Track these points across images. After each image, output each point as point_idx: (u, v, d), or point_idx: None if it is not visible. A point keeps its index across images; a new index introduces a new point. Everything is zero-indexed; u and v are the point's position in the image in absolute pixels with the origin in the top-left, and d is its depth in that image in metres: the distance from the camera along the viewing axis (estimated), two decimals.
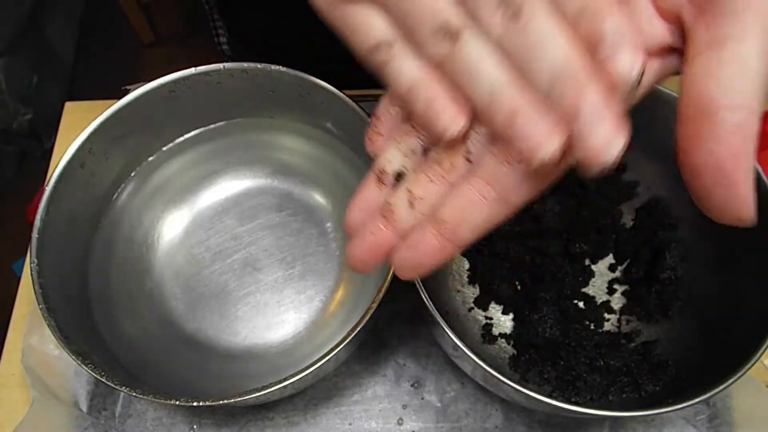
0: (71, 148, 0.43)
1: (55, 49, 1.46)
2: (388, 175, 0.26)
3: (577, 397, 0.42)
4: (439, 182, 0.24)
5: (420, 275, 0.24)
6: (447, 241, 0.23)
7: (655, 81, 0.22)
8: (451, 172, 0.23)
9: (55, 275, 0.41)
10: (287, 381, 0.36)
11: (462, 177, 0.23)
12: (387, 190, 0.27)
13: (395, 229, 0.25)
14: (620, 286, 0.48)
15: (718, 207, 0.20)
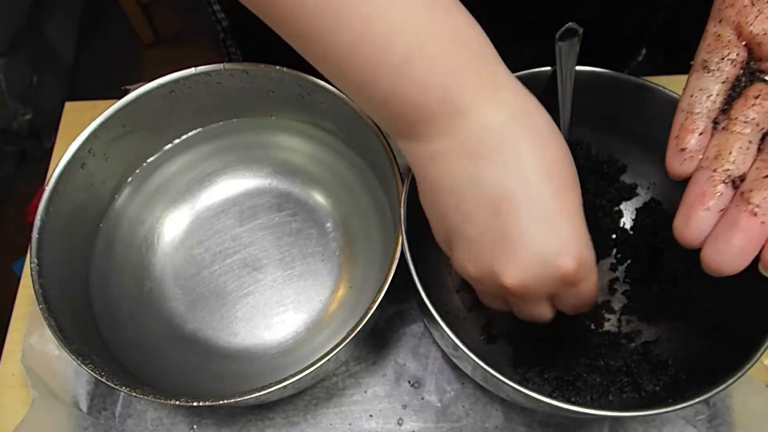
0: (71, 148, 0.43)
1: (55, 49, 1.46)
2: (735, 176, 0.28)
3: (577, 397, 0.42)
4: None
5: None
6: None
7: None
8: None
9: (55, 275, 0.41)
10: (287, 381, 0.36)
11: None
12: (729, 191, 0.27)
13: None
14: (620, 286, 0.48)
15: None
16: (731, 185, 0.27)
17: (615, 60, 0.42)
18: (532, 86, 0.44)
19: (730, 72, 0.29)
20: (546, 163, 0.29)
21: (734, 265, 0.26)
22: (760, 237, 0.26)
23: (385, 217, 0.47)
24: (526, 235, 0.28)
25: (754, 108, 0.28)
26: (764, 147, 0.28)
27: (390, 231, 0.46)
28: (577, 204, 0.29)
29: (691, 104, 0.29)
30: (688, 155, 0.29)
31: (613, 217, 0.48)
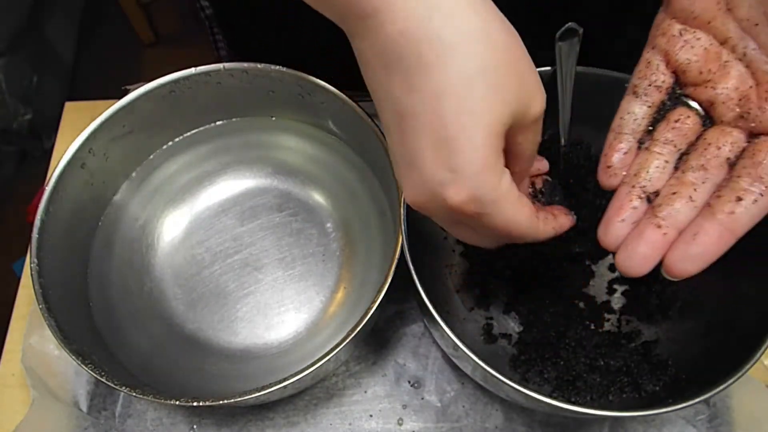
0: (71, 148, 0.43)
1: (55, 49, 1.46)
2: (649, 192, 0.32)
3: (577, 397, 0.42)
4: (709, 183, 0.30)
5: (701, 267, 0.29)
6: (726, 230, 0.29)
7: None
8: (715, 170, 0.30)
9: (55, 275, 0.41)
10: (287, 381, 0.36)
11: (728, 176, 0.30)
12: (643, 205, 0.32)
13: (675, 228, 0.30)
14: (620, 286, 0.48)
15: None
16: (646, 200, 0.31)
17: (616, 60, 0.42)
18: None
19: (656, 96, 0.33)
20: (454, 80, 0.26)
21: (639, 269, 0.30)
22: (662, 246, 0.30)
23: (385, 218, 0.47)
24: (419, 158, 0.27)
25: (673, 130, 0.32)
26: (680, 166, 0.32)
27: (390, 231, 0.46)
28: (487, 129, 0.26)
29: (620, 125, 0.34)
30: (612, 171, 0.33)
31: None
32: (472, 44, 0.25)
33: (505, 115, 0.26)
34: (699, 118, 0.32)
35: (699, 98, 0.32)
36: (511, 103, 0.26)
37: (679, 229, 0.30)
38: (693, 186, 0.30)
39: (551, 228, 0.33)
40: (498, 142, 0.27)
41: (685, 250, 0.29)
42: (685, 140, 0.32)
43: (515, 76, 0.26)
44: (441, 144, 0.26)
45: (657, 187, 0.32)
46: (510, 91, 0.26)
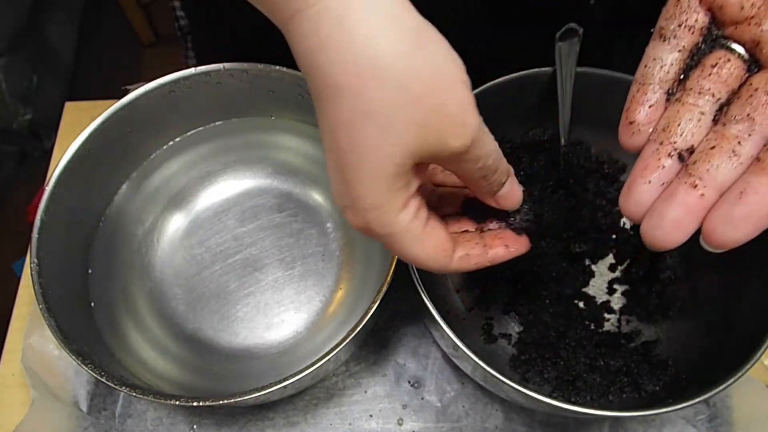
0: (71, 148, 0.43)
1: (55, 49, 1.46)
2: (681, 149, 0.26)
3: (577, 397, 0.42)
4: (757, 135, 0.25)
5: (751, 234, 0.24)
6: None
7: None
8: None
9: (55, 275, 0.41)
10: (287, 381, 0.36)
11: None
12: (675, 164, 0.26)
13: (714, 188, 0.25)
14: (620, 286, 0.48)
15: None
16: (678, 158, 0.26)
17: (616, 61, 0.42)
18: (532, 86, 0.44)
19: (688, 39, 0.28)
20: (344, 118, 0.25)
21: (670, 238, 0.25)
22: (699, 210, 0.25)
23: None
24: (331, 176, 0.27)
25: (710, 78, 0.27)
26: (720, 118, 0.26)
27: None
28: (377, 170, 0.25)
29: (644, 75, 0.28)
30: (636, 128, 0.28)
31: (613, 217, 0.48)
32: (364, 83, 0.24)
33: (398, 155, 0.25)
34: (742, 63, 0.27)
35: (741, 39, 0.27)
36: (407, 143, 0.25)
37: (719, 190, 0.25)
38: (737, 139, 0.25)
39: (471, 264, 0.31)
40: (393, 181, 0.26)
41: (729, 212, 0.24)
42: (725, 88, 0.27)
43: (417, 114, 0.24)
44: (339, 172, 0.26)
45: (691, 144, 0.26)
46: (406, 131, 0.24)
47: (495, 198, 0.31)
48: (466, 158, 0.26)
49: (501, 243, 0.33)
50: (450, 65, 0.25)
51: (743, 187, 0.24)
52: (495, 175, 0.29)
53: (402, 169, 0.26)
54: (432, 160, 0.27)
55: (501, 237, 0.33)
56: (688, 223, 0.25)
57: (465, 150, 0.26)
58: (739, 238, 0.24)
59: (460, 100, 0.25)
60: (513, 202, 0.32)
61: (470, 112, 0.25)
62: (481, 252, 0.32)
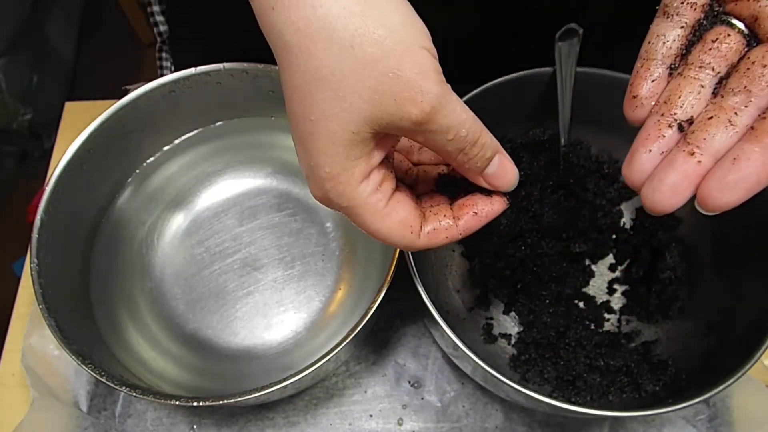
0: (71, 148, 0.43)
1: (55, 49, 1.46)
2: (681, 120, 0.27)
3: (577, 397, 0.42)
4: (753, 107, 0.26)
5: (742, 198, 0.25)
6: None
7: None
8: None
9: (55, 275, 0.41)
10: (287, 381, 0.36)
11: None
12: (675, 134, 0.27)
13: (710, 155, 0.26)
14: (620, 286, 0.48)
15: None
16: (677, 129, 0.27)
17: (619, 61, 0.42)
18: (532, 86, 0.44)
19: (690, 16, 0.29)
20: (297, 82, 0.25)
21: (667, 202, 0.26)
22: (696, 176, 0.26)
23: None
24: (295, 146, 0.27)
25: (711, 52, 0.28)
26: (719, 91, 0.27)
27: None
28: (332, 137, 0.25)
29: (647, 51, 0.29)
30: (639, 102, 0.29)
31: (613, 217, 0.48)
32: (314, 44, 0.24)
33: (353, 122, 0.25)
34: (742, 38, 0.28)
35: (741, 14, 0.28)
36: (362, 110, 0.24)
37: (715, 157, 0.26)
38: (734, 110, 0.26)
39: (441, 239, 0.30)
40: (350, 149, 0.25)
41: (723, 177, 0.25)
42: (724, 62, 0.28)
43: (369, 78, 0.24)
44: (298, 139, 0.26)
45: (691, 115, 0.27)
46: (359, 96, 0.24)
47: (484, 177, 0.29)
48: (432, 129, 0.26)
49: (469, 210, 0.30)
50: (408, 28, 0.24)
51: (737, 154, 0.25)
52: (475, 149, 0.28)
53: (358, 137, 0.25)
54: (394, 131, 0.26)
55: (468, 204, 0.31)
56: (685, 188, 0.26)
57: (426, 119, 0.25)
58: (732, 202, 0.25)
59: (417, 65, 0.24)
60: (505, 182, 0.30)
61: (429, 78, 0.25)
62: (450, 225, 0.30)
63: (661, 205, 0.26)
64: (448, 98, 0.25)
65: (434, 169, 0.34)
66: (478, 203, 0.31)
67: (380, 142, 0.27)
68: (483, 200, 0.31)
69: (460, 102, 0.26)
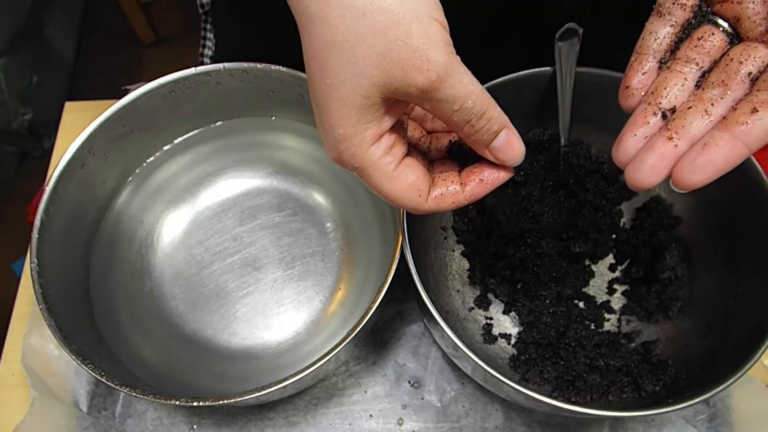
0: (71, 148, 0.43)
1: (55, 49, 1.46)
2: (665, 109, 0.30)
3: (577, 397, 0.42)
4: (728, 99, 0.29)
5: (710, 178, 0.28)
6: (739, 141, 0.27)
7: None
8: (735, 84, 0.29)
9: (55, 275, 0.41)
10: (287, 381, 0.36)
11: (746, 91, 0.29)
12: (659, 121, 0.30)
13: (686, 140, 0.29)
14: (620, 286, 0.48)
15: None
16: (661, 116, 0.30)
17: None
18: (532, 86, 0.44)
19: (681, 15, 0.32)
20: (315, 48, 0.27)
21: (646, 180, 0.29)
22: (672, 157, 0.28)
23: (385, 218, 0.47)
24: (314, 111, 0.29)
25: (696, 49, 0.31)
26: (702, 84, 0.30)
27: (390, 231, 0.46)
28: (344, 100, 0.27)
29: (641, 46, 0.32)
30: (630, 92, 0.32)
31: (613, 217, 0.48)
32: (330, 11, 0.25)
33: (364, 86, 0.26)
34: (726, 36, 0.31)
35: (725, 15, 0.31)
36: (372, 75, 0.26)
37: (691, 142, 0.29)
38: (711, 101, 0.29)
39: (448, 203, 0.32)
40: (362, 113, 0.27)
41: (694, 160, 0.28)
42: (708, 58, 0.31)
43: (379, 44, 0.25)
44: (315, 104, 0.28)
45: (674, 104, 0.30)
46: (370, 62, 0.26)
47: (490, 150, 0.31)
48: (438, 98, 0.27)
49: (476, 177, 0.32)
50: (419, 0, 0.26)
51: (708, 140, 0.28)
52: (481, 121, 0.29)
53: (369, 101, 0.27)
54: (403, 97, 0.27)
55: (476, 171, 0.32)
56: (662, 168, 0.29)
57: (431, 87, 0.26)
58: (700, 181, 0.28)
59: (425, 34, 0.26)
60: (511, 156, 0.31)
61: (437, 48, 0.26)
62: (457, 190, 0.32)
63: (640, 183, 0.29)
64: (456, 69, 0.27)
65: (446, 137, 0.35)
66: (485, 170, 0.32)
67: (391, 107, 0.28)
68: (490, 168, 0.32)
69: (469, 74, 0.27)
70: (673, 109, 0.30)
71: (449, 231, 0.49)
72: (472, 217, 0.48)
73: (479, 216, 0.48)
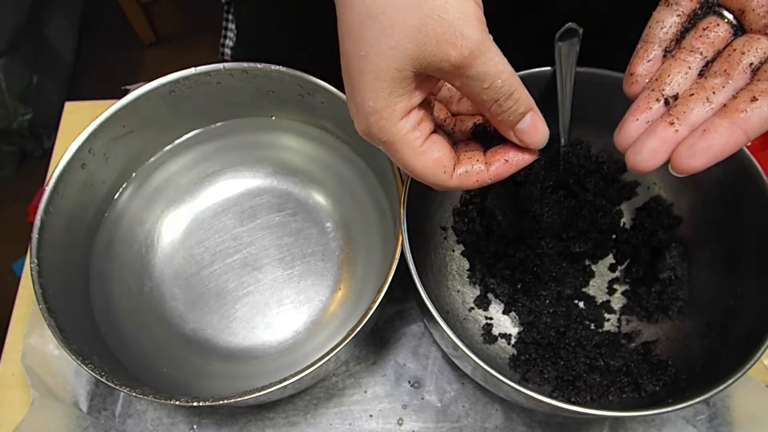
0: (71, 148, 0.43)
1: (55, 49, 1.46)
2: (668, 95, 0.31)
3: (577, 397, 0.42)
4: (730, 88, 0.30)
5: (707, 163, 0.28)
6: (738, 128, 0.28)
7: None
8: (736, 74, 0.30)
9: (55, 275, 0.41)
10: (287, 381, 0.36)
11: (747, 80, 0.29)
12: (661, 107, 0.31)
13: (687, 126, 0.29)
14: (620, 286, 0.48)
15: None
16: (664, 103, 0.31)
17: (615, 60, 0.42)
18: (531, 86, 0.44)
19: (687, 6, 0.32)
20: (351, 21, 0.28)
21: (646, 164, 0.29)
22: (672, 142, 0.29)
23: (385, 217, 0.47)
24: (345, 87, 0.30)
25: (701, 39, 0.32)
26: (705, 73, 0.31)
27: (390, 231, 0.46)
28: (377, 72, 0.27)
29: (647, 34, 0.33)
30: (635, 79, 0.33)
31: (613, 217, 0.48)
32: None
33: (397, 59, 0.27)
34: (730, 28, 0.32)
35: (730, 6, 0.32)
36: (406, 48, 0.26)
37: (691, 128, 0.29)
38: (712, 89, 0.30)
39: (473, 181, 0.32)
40: (393, 86, 0.28)
41: (693, 145, 0.28)
42: (712, 48, 0.32)
43: (415, 17, 0.26)
44: (347, 76, 0.29)
45: (677, 92, 0.31)
46: (405, 34, 0.26)
47: (515, 132, 0.31)
48: (469, 74, 0.27)
49: (501, 157, 0.33)
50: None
51: (707, 126, 0.29)
52: (509, 101, 0.29)
53: (402, 74, 0.27)
54: (434, 72, 0.28)
55: (501, 151, 0.33)
56: (662, 152, 0.29)
57: (464, 63, 0.27)
58: (698, 166, 0.28)
59: (461, 10, 0.26)
60: (535, 139, 0.32)
61: (471, 25, 0.26)
62: (482, 169, 0.32)
63: (640, 165, 0.30)
64: (488, 47, 0.27)
65: (471, 119, 0.36)
66: (510, 152, 0.33)
67: (421, 83, 0.29)
68: (515, 150, 0.33)
69: (500, 54, 0.28)
70: (676, 96, 0.31)
71: (449, 231, 0.49)
72: (472, 217, 0.48)
73: (479, 216, 0.48)
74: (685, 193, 0.47)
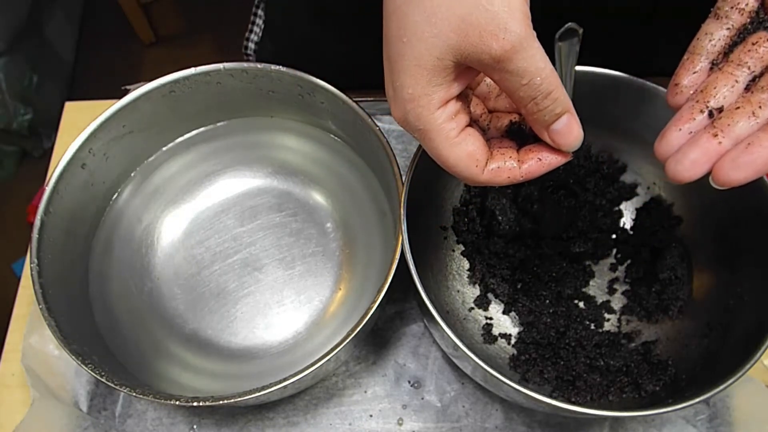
0: (71, 148, 0.43)
1: (55, 49, 1.46)
2: (713, 108, 0.31)
3: (577, 397, 0.42)
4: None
5: (749, 177, 0.28)
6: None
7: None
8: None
9: (55, 275, 0.41)
10: (287, 381, 0.36)
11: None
12: (705, 119, 0.31)
13: (731, 139, 0.29)
14: (620, 286, 0.48)
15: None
16: (708, 115, 0.31)
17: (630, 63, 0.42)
18: None
19: (737, 19, 0.32)
20: (396, 5, 0.28)
21: (686, 173, 0.29)
22: (715, 154, 0.29)
23: (385, 217, 0.47)
24: (384, 72, 0.30)
25: (749, 53, 0.31)
26: (752, 87, 0.31)
27: (390, 231, 0.46)
28: (418, 59, 0.28)
29: (694, 46, 0.33)
30: (680, 89, 0.32)
31: (613, 217, 0.48)
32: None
33: (439, 47, 0.27)
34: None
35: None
36: (449, 37, 0.27)
37: (735, 141, 0.29)
38: (759, 104, 0.30)
39: (504, 178, 0.32)
40: (432, 74, 0.28)
41: (736, 158, 0.28)
42: (760, 63, 0.31)
43: (461, 7, 0.26)
44: (387, 61, 0.29)
45: (722, 104, 0.31)
46: (448, 23, 0.26)
47: (549, 132, 0.31)
48: (509, 69, 0.27)
49: (535, 155, 0.32)
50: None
51: (752, 140, 0.28)
52: (546, 100, 0.29)
53: (442, 63, 0.27)
54: (474, 64, 0.28)
55: (535, 150, 0.33)
56: (703, 164, 0.29)
57: (505, 57, 0.27)
58: (740, 179, 0.28)
59: (507, 3, 0.26)
60: (569, 141, 0.32)
61: (516, 19, 0.26)
62: (514, 166, 0.32)
63: (680, 175, 0.29)
64: (530, 43, 0.27)
65: (507, 117, 0.36)
66: (543, 151, 0.32)
67: (461, 74, 0.29)
68: (549, 150, 0.32)
69: (542, 51, 0.28)
70: (721, 108, 0.31)
71: (449, 231, 0.49)
72: (472, 217, 0.48)
73: (479, 216, 0.48)
74: (685, 193, 0.47)
